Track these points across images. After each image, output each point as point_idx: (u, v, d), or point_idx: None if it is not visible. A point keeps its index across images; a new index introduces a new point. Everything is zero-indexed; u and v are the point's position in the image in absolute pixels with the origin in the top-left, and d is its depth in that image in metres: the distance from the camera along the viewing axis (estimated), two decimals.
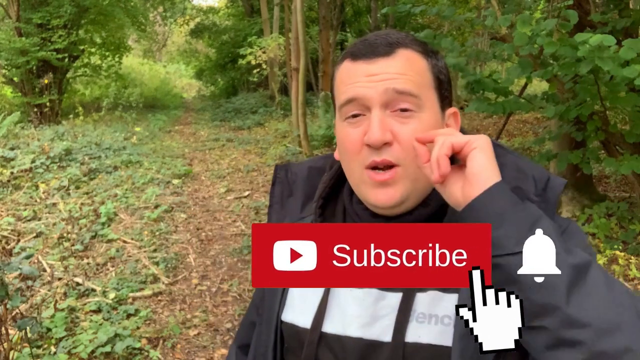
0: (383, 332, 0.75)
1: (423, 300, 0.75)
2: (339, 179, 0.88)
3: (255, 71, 14.71)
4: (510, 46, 3.50)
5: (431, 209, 0.78)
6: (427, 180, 0.75)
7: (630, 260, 3.80)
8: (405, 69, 0.76)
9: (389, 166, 0.75)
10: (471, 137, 0.68)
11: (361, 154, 0.76)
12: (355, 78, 0.77)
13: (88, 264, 4.35)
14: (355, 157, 0.77)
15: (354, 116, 0.77)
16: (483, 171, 0.66)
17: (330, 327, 0.79)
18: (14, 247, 4.62)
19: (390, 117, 0.75)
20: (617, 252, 3.86)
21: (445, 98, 0.81)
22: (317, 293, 0.82)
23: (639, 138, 3.67)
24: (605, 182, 5.84)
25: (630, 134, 3.68)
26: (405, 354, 0.73)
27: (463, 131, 0.83)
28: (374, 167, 0.76)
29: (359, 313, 0.77)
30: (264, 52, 13.53)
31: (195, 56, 24.17)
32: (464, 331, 0.70)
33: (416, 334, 0.73)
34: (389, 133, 0.74)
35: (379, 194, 0.76)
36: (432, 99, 0.78)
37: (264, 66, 14.42)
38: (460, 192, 0.68)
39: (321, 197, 0.87)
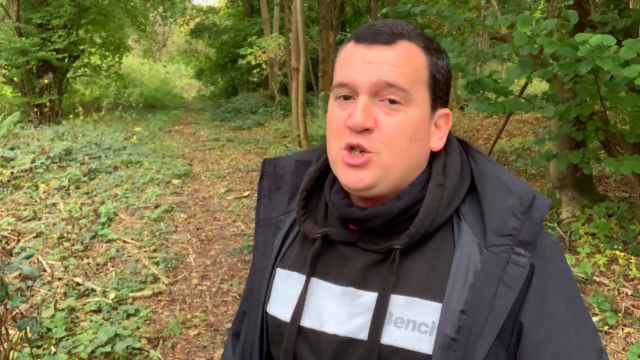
0: (358, 330, 0.77)
1: (399, 304, 0.75)
2: (324, 171, 0.88)
3: (255, 71, 14.71)
4: (510, 46, 3.50)
5: (404, 203, 0.78)
6: (400, 172, 0.77)
7: (630, 260, 3.80)
8: (401, 61, 0.76)
9: (362, 151, 0.76)
10: None
11: (343, 134, 0.77)
12: (352, 62, 0.78)
13: (88, 264, 4.35)
14: (336, 137, 0.78)
15: (345, 98, 0.78)
16: None
17: (308, 321, 0.81)
18: (14, 247, 4.62)
19: (378, 105, 0.76)
20: (617, 252, 3.86)
21: (438, 98, 0.81)
22: (296, 287, 0.83)
23: (639, 138, 3.67)
24: (605, 182, 5.84)
25: (630, 134, 3.68)
26: (381, 354, 0.74)
27: (448, 141, 0.84)
28: (350, 149, 0.77)
29: (336, 310, 0.79)
30: (264, 52, 13.53)
31: (195, 56, 24.17)
32: (447, 342, 0.72)
33: (392, 337, 0.74)
34: (372, 120, 0.75)
35: (349, 175, 0.77)
36: (423, 96, 0.78)
37: (264, 66, 14.43)
38: None
39: (305, 190, 0.88)
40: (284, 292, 0.85)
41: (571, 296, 0.77)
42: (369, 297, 0.77)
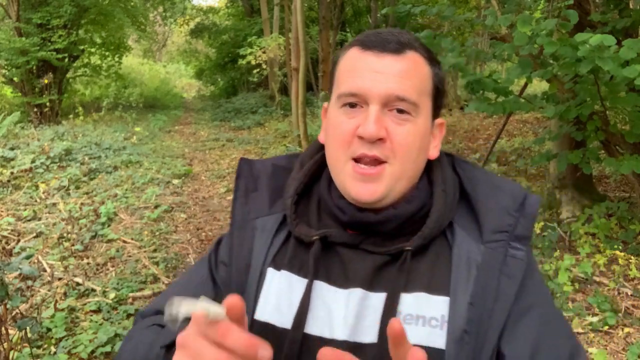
0: (368, 333, 0.74)
1: (408, 301, 0.74)
2: (312, 177, 0.88)
3: (255, 71, 14.72)
4: (510, 46, 3.50)
5: (414, 206, 0.80)
6: (408, 182, 0.79)
7: (630, 260, 3.80)
8: (410, 72, 0.77)
9: (377, 162, 0.76)
10: None
11: (351, 145, 0.76)
12: (361, 70, 0.77)
13: (88, 264, 4.35)
14: (343, 147, 0.78)
15: (352, 106, 0.77)
16: None
17: (314, 328, 0.76)
18: (14, 247, 4.62)
19: (387, 115, 0.76)
20: (617, 252, 3.86)
21: (437, 107, 0.83)
22: (297, 291, 0.79)
23: (639, 138, 3.67)
24: (605, 182, 5.84)
25: (630, 134, 3.68)
26: None
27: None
28: (361, 160, 0.76)
29: (344, 315, 0.76)
30: (264, 52, 13.53)
31: (195, 56, 24.17)
32: (459, 335, 0.72)
33: None
34: (384, 130, 0.75)
35: (361, 188, 0.77)
36: (428, 107, 0.80)
37: (264, 66, 14.43)
38: None
39: (296, 193, 0.85)
40: (280, 297, 0.80)
41: (548, 312, 0.79)
42: (378, 299, 0.75)
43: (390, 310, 0.73)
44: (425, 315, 0.74)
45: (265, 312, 0.80)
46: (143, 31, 16.31)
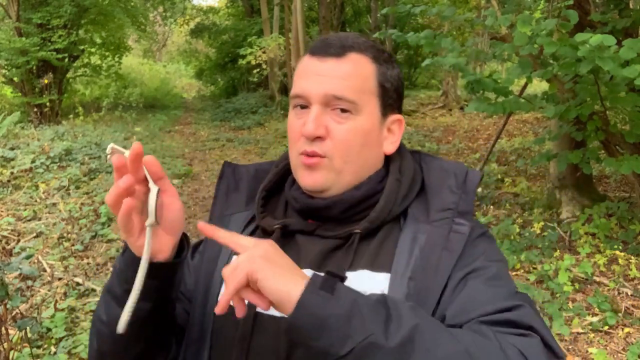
0: None
1: (351, 278, 0.77)
2: (283, 176, 0.94)
3: (255, 71, 14.71)
4: (510, 46, 3.50)
5: (362, 193, 0.85)
6: (352, 175, 0.84)
7: (630, 260, 3.80)
8: (349, 73, 0.83)
9: (316, 156, 0.83)
10: (249, 263, 0.66)
11: (299, 142, 0.84)
12: (305, 74, 0.85)
13: (88, 264, 4.35)
14: (294, 144, 0.85)
15: (302, 107, 0.85)
16: (277, 297, 0.66)
17: None
18: (14, 247, 4.62)
19: (329, 114, 0.83)
20: (617, 252, 3.86)
21: (388, 105, 0.87)
22: None
23: (639, 138, 3.67)
24: (605, 182, 5.84)
25: (630, 134, 3.68)
26: None
27: (401, 147, 0.90)
28: (306, 155, 0.83)
29: None
30: (264, 52, 13.53)
31: (195, 56, 24.16)
32: None
33: None
34: (323, 128, 0.82)
35: (305, 176, 0.84)
36: (372, 105, 0.85)
37: (264, 66, 14.42)
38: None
39: (264, 189, 0.93)
40: None
41: (489, 273, 0.79)
42: None
43: None
44: (366, 291, 0.73)
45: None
46: (143, 31, 16.32)
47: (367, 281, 0.78)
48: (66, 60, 11.59)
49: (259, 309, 0.79)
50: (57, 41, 11.13)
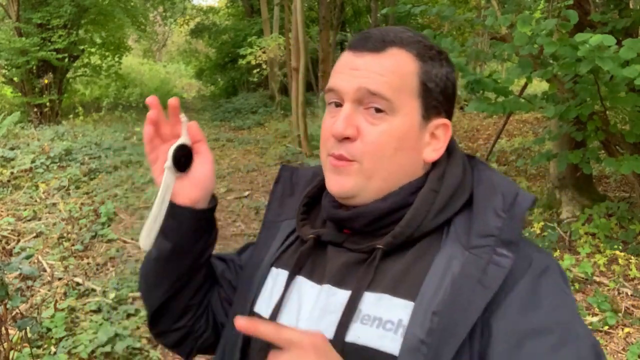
0: (327, 329, 0.74)
1: (370, 301, 0.73)
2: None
3: (255, 71, 14.70)
4: (510, 46, 3.50)
5: (388, 205, 0.77)
6: (383, 181, 0.77)
7: (630, 260, 3.80)
8: (387, 69, 0.75)
9: (344, 160, 0.77)
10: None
11: (328, 142, 0.78)
12: (342, 68, 0.78)
13: (88, 264, 4.35)
14: (324, 144, 0.80)
15: (336, 105, 0.79)
16: None
17: (285, 318, 0.80)
18: (14, 247, 4.62)
19: (362, 113, 0.76)
20: (617, 252, 3.86)
21: (432, 107, 0.78)
22: (281, 284, 0.83)
23: (639, 138, 3.67)
24: (605, 182, 5.84)
25: (630, 134, 3.68)
26: (344, 352, 0.69)
27: (452, 144, 0.82)
28: (334, 157, 0.78)
29: (312, 307, 0.78)
30: (264, 52, 13.52)
31: (195, 56, 24.15)
32: (415, 344, 0.67)
33: (356, 334, 0.71)
34: (353, 128, 0.75)
35: (332, 180, 0.78)
36: (411, 106, 0.76)
37: (264, 66, 14.42)
38: None
39: (307, 196, 0.89)
40: (271, 290, 0.85)
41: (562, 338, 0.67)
42: (343, 295, 0.75)
43: (351, 308, 0.73)
44: (382, 317, 0.71)
45: (260, 305, 0.85)
46: (143, 31, 16.33)
47: (386, 306, 0.72)
48: (66, 60, 11.60)
49: (279, 319, 0.80)
50: (57, 41, 11.13)
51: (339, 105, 0.78)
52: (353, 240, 0.79)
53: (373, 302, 0.73)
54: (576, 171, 4.58)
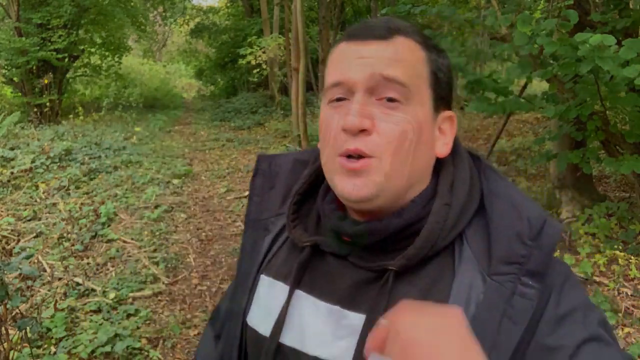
0: (341, 355, 0.69)
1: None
2: (320, 175, 0.79)
3: (255, 71, 14.70)
4: (510, 46, 3.50)
5: (403, 221, 0.70)
6: (404, 180, 0.70)
7: (630, 260, 3.80)
8: (399, 56, 0.69)
9: (361, 156, 0.68)
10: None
11: (338, 139, 0.69)
12: (345, 60, 0.71)
13: (88, 264, 4.35)
14: (330, 144, 0.71)
15: (339, 100, 0.71)
16: None
17: (288, 338, 0.74)
18: (14, 247, 4.62)
19: (375, 105, 0.69)
20: (617, 252, 3.86)
21: (440, 98, 0.73)
22: (279, 298, 0.76)
23: (639, 138, 3.67)
24: (605, 182, 5.84)
25: (630, 134, 3.68)
26: None
27: (456, 140, 0.77)
28: (348, 156, 0.69)
29: (319, 330, 0.72)
30: (264, 52, 13.53)
31: (195, 56, 24.16)
32: None
33: None
34: (368, 121, 0.67)
35: (347, 183, 0.69)
36: (425, 94, 0.71)
37: (264, 66, 14.42)
38: None
39: (298, 193, 0.81)
40: (266, 303, 0.78)
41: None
42: (356, 319, 0.70)
43: (368, 333, 0.67)
44: None
45: (253, 317, 0.80)
46: (143, 31, 16.33)
47: None
48: (66, 60, 11.60)
49: (282, 340, 0.74)
50: (57, 41, 11.13)
51: (341, 99, 0.71)
52: (360, 256, 0.73)
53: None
54: (576, 171, 4.58)
